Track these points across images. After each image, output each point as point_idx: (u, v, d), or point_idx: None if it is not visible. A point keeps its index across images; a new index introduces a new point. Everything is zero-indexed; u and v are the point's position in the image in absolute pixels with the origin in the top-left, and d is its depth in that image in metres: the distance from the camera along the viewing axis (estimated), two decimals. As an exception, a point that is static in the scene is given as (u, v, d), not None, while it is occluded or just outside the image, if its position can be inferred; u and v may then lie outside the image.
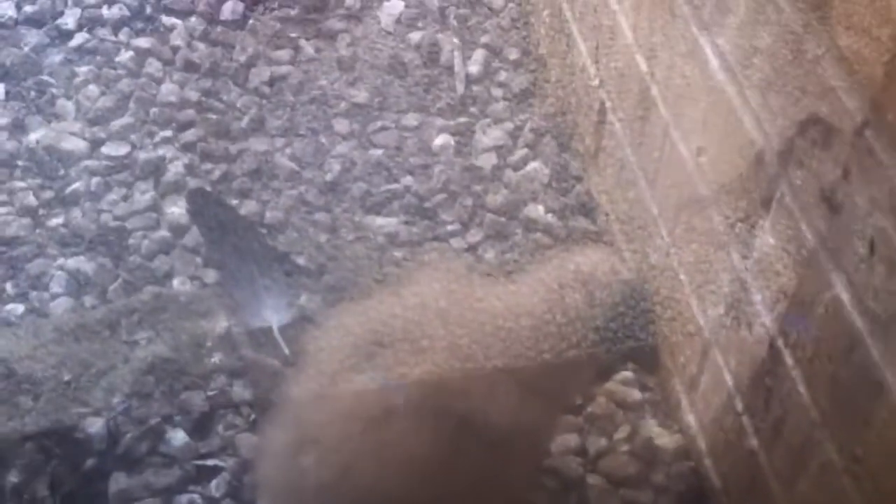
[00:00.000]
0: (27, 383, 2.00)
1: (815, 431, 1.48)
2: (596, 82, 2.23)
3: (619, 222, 2.15)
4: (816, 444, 1.47)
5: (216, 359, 2.09)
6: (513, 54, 2.68)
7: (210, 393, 2.04)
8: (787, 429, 1.56)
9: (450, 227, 2.31)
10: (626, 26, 2.04)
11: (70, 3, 2.75)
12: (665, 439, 1.98)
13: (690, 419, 1.92)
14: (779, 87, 1.49)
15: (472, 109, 2.57)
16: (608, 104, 2.17)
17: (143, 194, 2.35)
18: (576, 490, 1.92)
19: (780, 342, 1.56)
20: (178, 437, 1.98)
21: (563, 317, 1.65)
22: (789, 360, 1.54)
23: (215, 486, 1.93)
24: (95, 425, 1.94)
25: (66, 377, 2.01)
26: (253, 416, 2.01)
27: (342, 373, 1.66)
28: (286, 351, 2.05)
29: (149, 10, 2.75)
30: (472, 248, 2.28)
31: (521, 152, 2.46)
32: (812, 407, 1.48)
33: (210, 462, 1.96)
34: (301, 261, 2.24)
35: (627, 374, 2.08)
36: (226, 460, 1.96)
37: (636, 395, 2.05)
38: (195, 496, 1.92)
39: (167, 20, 2.73)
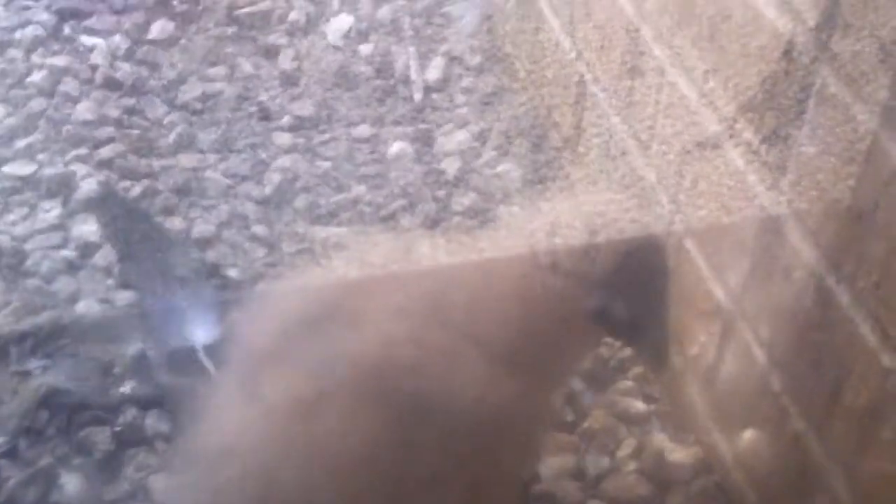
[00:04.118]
0: None
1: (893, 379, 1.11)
2: (573, 55, 1.92)
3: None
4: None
5: (126, 388, 1.71)
6: (475, 59, 2.39)
7: (117, 428, 1.65)
8: (848, 391, 1.19)
9: (413, 233, 1.97)
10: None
11: (-25, 27, 2.45)
12: (679, 454, 1.59)
13: (710, 425, 1.54)
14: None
15: (433, 116, 2.26)
16: (588, 76, 1.86)
17: (48, 213, 2.00)
18: (575, 518, 1.53)
19: (830, 280, 1.21)
20: (74, 481, 1.59)
21: (547, 273, 1.28)
22: (844, 298, 1.18)
23: (119, 539, 1.53)
24: (-29, 472, 1.55)
25: (-61, 416, 1.63)
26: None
27: (266, 361, 1.29)
28: (213, 371, 1.67)
29: (67, 30, 2.45)
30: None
31: (489, 154, 2.13)
32: (882, 348, 1.12)
33: (113, 510, 1.57)
34: (233, 273, 1.88)
35: (628, 383, 1.71)
36: (133, 507, 1.57)
37: (639, 406, 1.67)
38: (92, 552, 1.52)
39: (87, 40, 2.42)
